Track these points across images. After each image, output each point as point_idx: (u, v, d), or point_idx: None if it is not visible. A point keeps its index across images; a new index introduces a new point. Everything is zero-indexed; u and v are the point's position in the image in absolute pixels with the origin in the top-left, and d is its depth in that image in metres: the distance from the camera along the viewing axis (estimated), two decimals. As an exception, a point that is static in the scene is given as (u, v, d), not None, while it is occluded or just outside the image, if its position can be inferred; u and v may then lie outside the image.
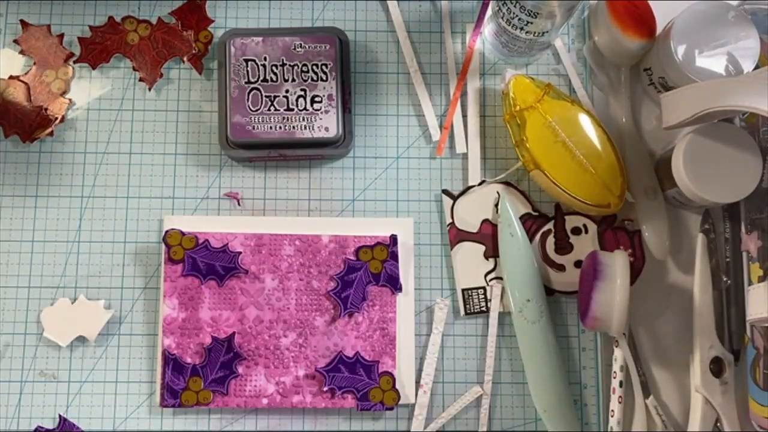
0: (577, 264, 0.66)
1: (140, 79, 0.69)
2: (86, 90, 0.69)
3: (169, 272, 0.64)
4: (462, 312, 0.66)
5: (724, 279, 0.65)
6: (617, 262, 0.61)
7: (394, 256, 0.65)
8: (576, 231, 0.67)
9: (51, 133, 0.67)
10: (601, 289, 0.60)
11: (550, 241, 0.67)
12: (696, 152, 0.61)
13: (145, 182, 0.67)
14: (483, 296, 0.66)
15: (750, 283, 0.63)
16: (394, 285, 0.65)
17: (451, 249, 0.67)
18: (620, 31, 0.66)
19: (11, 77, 0.68)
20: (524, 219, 0.67)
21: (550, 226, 0.67)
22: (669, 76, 0.64)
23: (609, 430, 0.63)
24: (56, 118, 0.68)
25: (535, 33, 0.64)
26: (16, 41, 0.69)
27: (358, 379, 0.63)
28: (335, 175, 0.68)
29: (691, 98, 0.59)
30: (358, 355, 0.64)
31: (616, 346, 0.64)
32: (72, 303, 0.65)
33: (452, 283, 0.67)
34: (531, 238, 0.67)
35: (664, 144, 0.68)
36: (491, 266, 0.67)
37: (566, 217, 0.67)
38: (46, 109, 0.68)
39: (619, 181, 0.65)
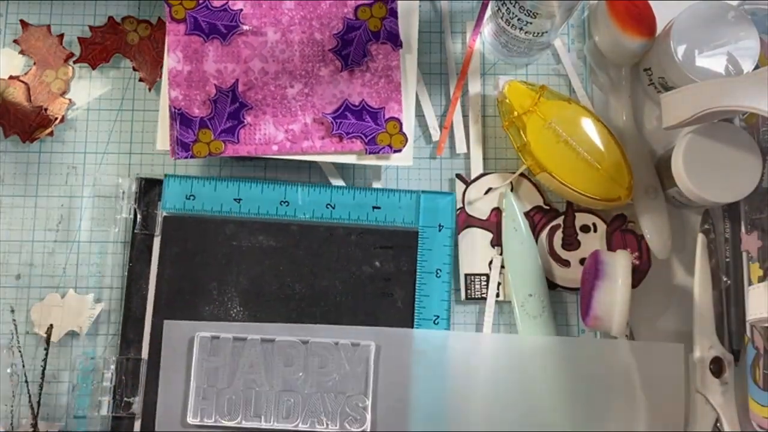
0: (583, 262, 0.66)
1: (140, 79, 0.69)
2: (86, 90, 0.69)
3: (172, 29, 0.64)
4: (463, 296, 0.66)
5: (724, 279, 0.65)
6: (619, 262, 0.61)
7: (393, 13, 0.65)
8: (585, 229, 0.67)
9: (51, 133, 0.67)
10: (602, 288, 0.61)
11: (558, 235, 0.67)
12: (696, 152, 0.61)
13: (145, 182, 0.67)
14: (485, 283, 0.66)
15: (750, 283, 0.63)
16: (395, 42, 0.65)
17: (459, 233, 0.67)
18: (620, 30, 0.66)
19: (11, 77, 0.68)
20: (535, 211, 0.67)
21: (560, 221, 0.67)
22: (669, 76, 0.64)
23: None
24: (56, 118, 0.68)
25: (534, 33, 0.64)
26: (16, 41, 0.69)
27: (365, 125, 0.64)
28: None
29: (691, 98, 0.59)
30: (364, 103, 0.64)
31: (617, 347, 0.64)
32: (62, 298, 0.65)
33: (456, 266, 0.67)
34: (540, 231, 0.67)
35: (664, 144, 0.68)
36: (497, 254, 0.67)
37: (577, 214, 0.68)
38: (46, 109, 0.68)
39: (625, 173, 0.65)
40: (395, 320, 0.64)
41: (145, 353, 0.63)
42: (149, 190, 0.65)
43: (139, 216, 0.65)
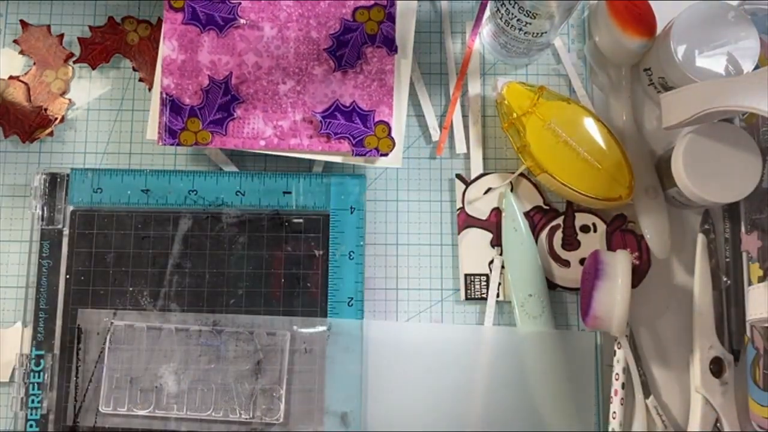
0: (583, 262, 0.66)
1: (140, 79, 0.69)
2: (86, 90, 0.69)
3: (169, 17, 0.65)
4: (463, 296, 0.66)
5: (724, 279, 0.65)
6: (619, 262, 0.61)
7: (391, 18, 0.65)
8: (585, 229, 0.67)
9: (51, 133, 0.67)
10: (602, 288, 0.61)
11: (558, 235, 0.67)
12: (696, 152, 0.61)
13: (145, 182, 0.67)
14: (485, 283, 0.66)
15: (750, 283, 0.63)
16: (390, 46, 0.65)
17: (459, 233, 0.67)
18: (620, 30, 0.66)
19: (11, 77, 0.68)
20: (534, 211, 0.67)
21: (559, 221, 0.67)
22: (669, 76, 0.64)
23: (611, 431, 0.63)
24: (56, 118, 0.68)
25: (533, 34, 0.64)
26: (16, 41, 0.69)
27: (354, 127, 0.64)
28: None
29: (691, 98, 0.59)
30: (354, 105, 0.64)
31: (619, 348, 0.64)
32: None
33: (455, 267, 0.67)
34: (539, 232, 0.67)
35: (664, 144, 0.68)
36: (497, 254, 0.67)
37: (576, 214, 0.68)
38: (46, 109, 0.68)
39: (626, 171, 0.65)
40: (309, 304, 0.64)
41: (57, 348, 0.63)
42: (57, 185, 0.65)
43: (46, 212, 0.65)
